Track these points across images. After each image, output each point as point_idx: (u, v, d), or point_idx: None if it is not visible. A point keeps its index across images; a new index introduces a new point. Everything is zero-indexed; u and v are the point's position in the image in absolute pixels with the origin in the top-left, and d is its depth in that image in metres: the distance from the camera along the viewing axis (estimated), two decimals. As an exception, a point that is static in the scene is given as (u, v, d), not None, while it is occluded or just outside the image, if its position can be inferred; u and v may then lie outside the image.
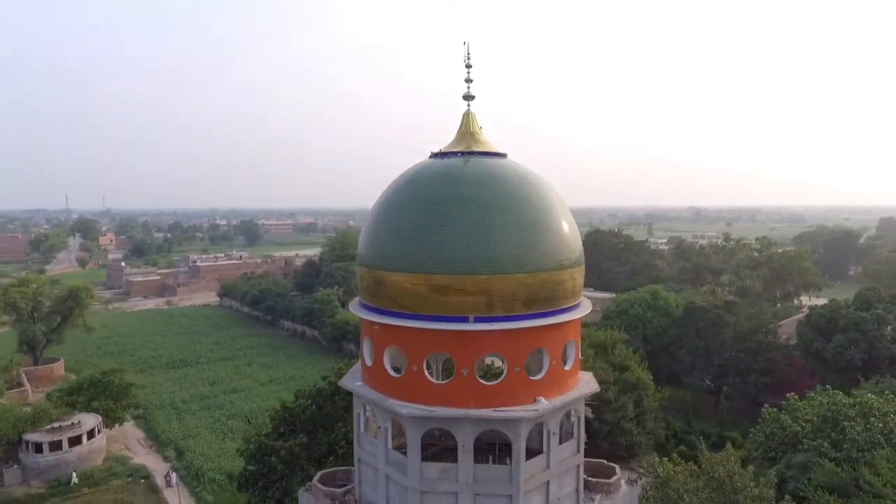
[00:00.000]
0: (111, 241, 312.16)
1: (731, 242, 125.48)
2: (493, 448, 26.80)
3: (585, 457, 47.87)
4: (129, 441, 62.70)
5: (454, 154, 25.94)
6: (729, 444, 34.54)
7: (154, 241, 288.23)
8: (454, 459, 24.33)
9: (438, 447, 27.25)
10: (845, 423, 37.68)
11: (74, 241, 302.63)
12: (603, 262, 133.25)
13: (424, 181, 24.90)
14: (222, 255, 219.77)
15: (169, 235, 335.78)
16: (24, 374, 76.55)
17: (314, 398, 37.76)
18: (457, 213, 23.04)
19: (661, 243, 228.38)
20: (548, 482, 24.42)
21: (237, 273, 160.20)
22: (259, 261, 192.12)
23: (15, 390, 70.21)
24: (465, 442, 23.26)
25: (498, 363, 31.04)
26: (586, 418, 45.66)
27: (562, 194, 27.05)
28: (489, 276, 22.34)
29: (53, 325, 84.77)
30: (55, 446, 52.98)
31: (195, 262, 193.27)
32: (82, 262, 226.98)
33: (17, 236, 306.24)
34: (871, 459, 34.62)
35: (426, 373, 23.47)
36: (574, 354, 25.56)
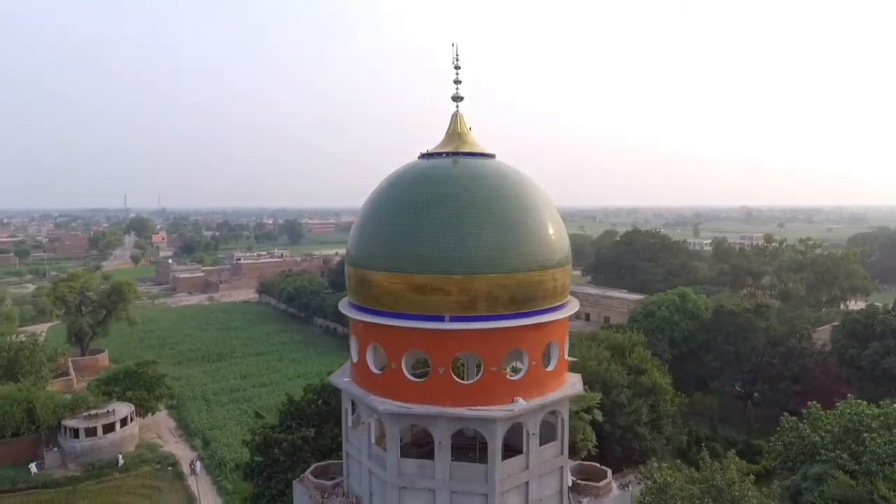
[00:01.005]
0: (163, 238, 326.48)
1: (774, 243, 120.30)
2: (476, 446, 26.96)
3: (597, 460, 47.34)
4: (161, 430, 65.81)
5: (442, 155, 26.32)
6: (732, 452, 33.46)
7: (202, 240, 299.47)
8: (458, 457, 24.59)
9: (431, 445, 27.27)
10: (866, 435, 35.94)
11: (129, 239, 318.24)
12: (638, 262, 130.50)
13: (406, 182, 25.32)
14: (265, 253, 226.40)
15: (217, 234, 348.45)
16: (70, 364, 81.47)
17: (320, 393, 38.75)
18: (433, 213, 23.36)
19: (706, 244, 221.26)
20: (527, 483, 24.43)
21: (277, 271, 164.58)
22: (299, 259, 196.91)
23: (61, 378, 74.84)
24: (442, 439, 23.54)
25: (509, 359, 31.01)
26: (598, 422, 45.23)
27: (548, 195, 26.97)
28: (464, 276, 22.54)
29: (99, 318, 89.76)
30: (90, 432, 56.27)
31: (238, 259, 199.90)
32: (135, 259, 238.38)
33: (79, 234, 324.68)
34: (890, 473, 32.99)
35: (404, 370, 23.85)
36: (558, 355, 25.45)
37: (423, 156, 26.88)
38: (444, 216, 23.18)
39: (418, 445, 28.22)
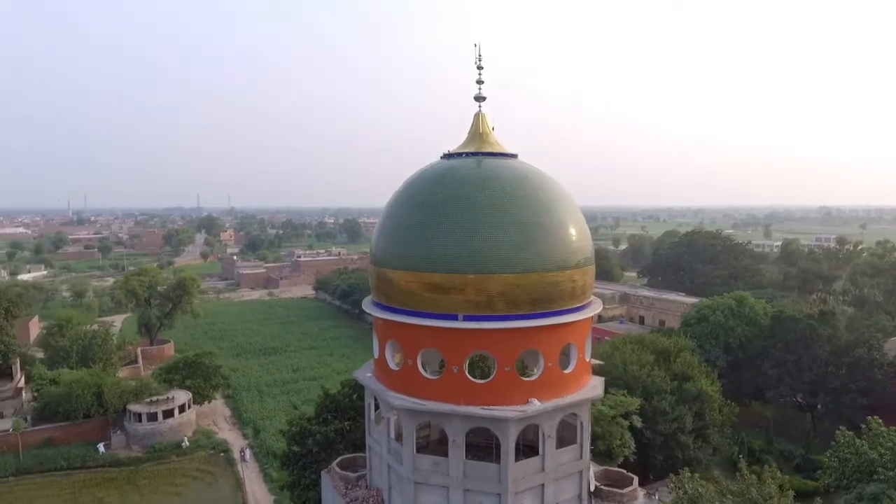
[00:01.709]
0: (230, 236, 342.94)
1: (848, 246, 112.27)
2: (493, 446, 26.88)
3: (637, 468, 46.11)
4: (217, 417, 69.39)
5: (463, 155, 26.49)
6: (771, 465, 31.70)
7: (266, 238, 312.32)
8: (472, 456, 24.80)
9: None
10: (930, 454, 33.24)
11: (200, 237, 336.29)
12: (697, 264, 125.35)
13: (424, 182, 25.67)
14: (323, 251, 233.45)
15: (280, 232, 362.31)
16: (139, 353, 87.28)
17: (355, 387, 39.70)
18: (448, 212, 23.60)
19: (775, 246, 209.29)
20: (543, 485, 24.24)
21: (333, 268, 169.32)
22: (355, 257, 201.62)
23: (130, 366, 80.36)
24: (456, 437, 23.75)
25: (530, 359, 30.91)
26: (637, 428, 43.95)
27: (571, 196, 26.63)
28: (477, 276, 22.66)
29: (166, 310, 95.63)
30: (152, 417, 60.16)
31: (298, 257, 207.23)
32: (204, 256, 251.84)
33: (155, 231, 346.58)
34: (954, 497, 30.36)
35: (420, 368, 24.22)
36: (577, 358, 25.09)
37: (445, 156, 27.15)
38: (458, 216, 23.36)
39: (443, 443, 28.18)
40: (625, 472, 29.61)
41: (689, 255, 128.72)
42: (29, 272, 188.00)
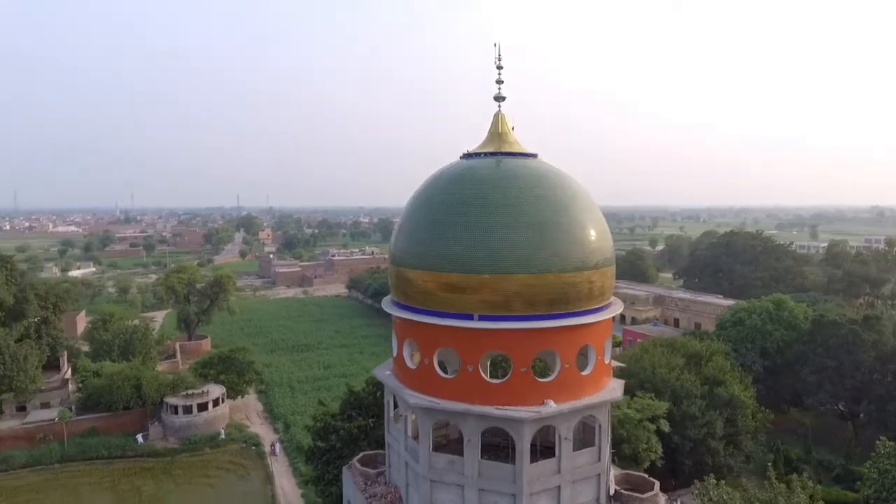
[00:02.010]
0: (268, 235, 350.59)
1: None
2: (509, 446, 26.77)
3: (666, 473, 45.19)
4: (250, 412, 71.18)
5: (483, 155, 26.51)
6: (799, 475, 30.60)
7: (303, 237, 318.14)
8: (495, 457, 24.84)
9: (483, 441, 26.86)
10: (977, 468, 31.52)
11: (239, 236, 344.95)
12: (736, 266, 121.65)
13: (441, 182, 25.79)
14: (357, 250, 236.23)
15: (316, 231, 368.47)
16: (178, 348, 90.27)
17: (379, 385, 40.16)
18: (464, 212, 23.68)
19: (822, 247, 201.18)
20: (559, 487, 24.06)
21: (366, 267, 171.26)
22: (387, 256, 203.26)
23: (169, 360, 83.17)
24: (471, 436, 23.82)
25: (549, 360, 30.72)
26: (665, 433, 43.04)
27: (591, 196, 26.35)
28: (493, 276, 22.68)
29: (204, 306, 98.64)
30: (187, 410, 62.20)
31: (333, 256, 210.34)
32: (242, 254, 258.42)
33: (196, 230, 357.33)
34: None
35: (436, 366, 24.36)
36: (596, 359, 24.80)
37: (464, 156, 27.23)
38: (474, 216, 23.41)
39: (462, 442, 28.01)
40: (646, 476, 29.11)
41: (727, 257, 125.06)
42: (78, 269, 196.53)
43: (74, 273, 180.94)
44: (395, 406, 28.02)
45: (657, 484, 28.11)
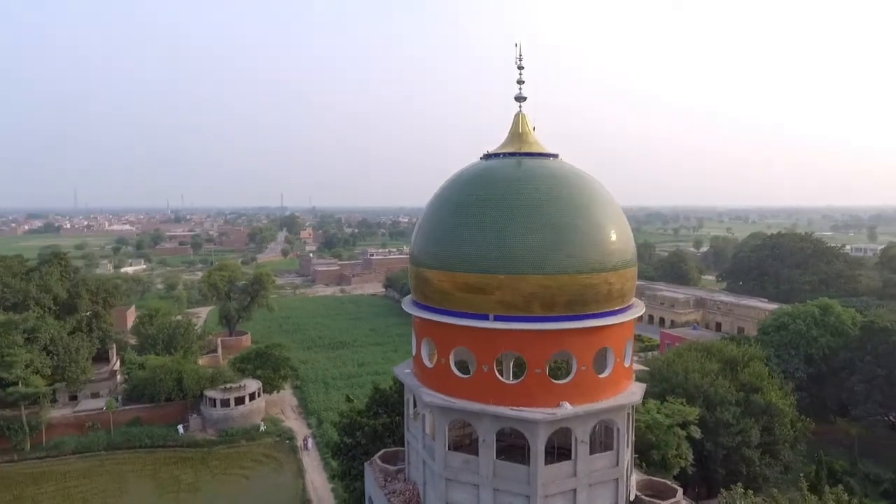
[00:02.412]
0: (309, 234, 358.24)
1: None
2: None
3: (697, 481, 43.96)
4: (285, 406, 72.98)
5: (502, 155, 26.52)
6: (837, 488, 29.29)
7: (343, 236, 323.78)
8: (508, 457, 24.80)
9: (503, 443, 26.73)
10: None
11: (281, 235, 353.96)
12: (783, 269, 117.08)
13: (460, 183, 25.93)
14: (395, 249, 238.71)
15: (356, 231, 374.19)
16: (219, 343, 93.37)
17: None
18: (480, 213, 23.77)
19: (879, 250, 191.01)
20: (574, 490, 23.84)
21: (403, 266, 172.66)
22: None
23: (210, 355, 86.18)
24: (486, 436, 23.87)
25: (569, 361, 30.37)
26: (696, 440, 41.93)
27: (611, 197, 26.02)
28: (507, 276, 22.68)
29: (244, 303, 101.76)
30: (225, 403, 64.35)
31: (371, 255, 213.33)
32: (284, 253, 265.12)
33: (241, 229, 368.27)
34: None
35: (452, 366, 24.51)
36: (614, 362, 24.45)
37: (485, 156, 27.28)
38: (490, 216, 23.47)
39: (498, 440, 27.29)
40: (669, 483, 28.50)
41: (773, 259, 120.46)
42: (130, 266, 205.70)
43: (126, 270, 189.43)
44: (415, 404, 28.32)
45: (680, 491, 27.50)
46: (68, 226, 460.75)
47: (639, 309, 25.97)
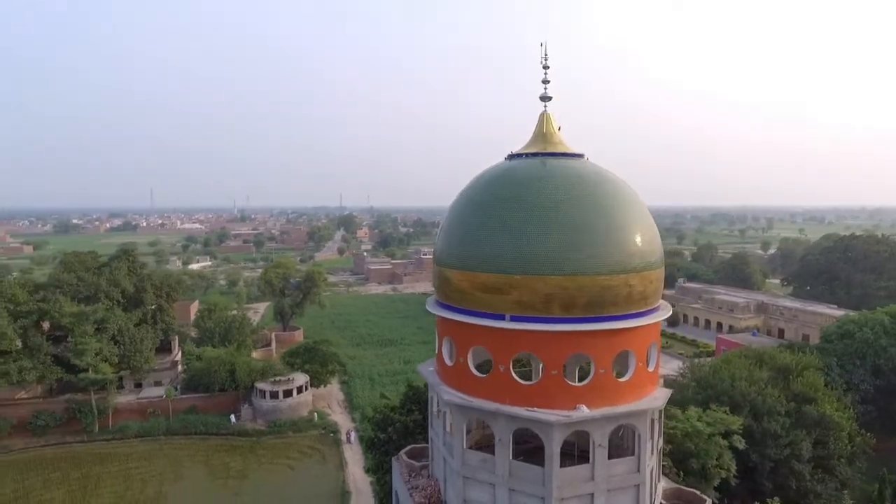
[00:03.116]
0: (365, 234, 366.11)
1: None
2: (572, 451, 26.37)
3: (742, 493, 42.31)
4: (331, 401, 75.17)
5: (525, 155, 26.46)
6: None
7: (397, 235, 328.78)
8: (527, 458, 24.74)
9: (532, 444, 26.40)
10: None
11: (339, 234, 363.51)
12: (855, 274, 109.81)
13: (481, 183, 26.05)
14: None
15: (410, 230, 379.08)
16: (274, 337, 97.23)
17: (438, 382, 41.12)
18: (498, 213, 23.87)
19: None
20: (592, 495, 23.50)
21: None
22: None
23: (264, 348, 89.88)
24: (502, 436, 23.91)
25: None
26: (740, 450, 40.25)
27: (637, 197, 25.41)
28: (523, 277, 22.65)
29: (297, 300, 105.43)
30: (274, 395, 67.05)
31: (423, 254, 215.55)
32: (340, 251, 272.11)
33: (301, 228, 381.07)
34: None
35: (470, 365, 24.71)
36: (636, 366, 23.93)
37: (509, 157, 27.29)
38: (507, 216, 23.51)
39: (515, 443, 27.36)
40: (698, 493, 27.59)
41: (845, 262, 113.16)
42: (197, 262, 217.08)
43: (193, 266, 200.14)
44: (438, 402, 28.67)
45: (709, 500, 26.56)
46: (144, 224, 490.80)
47: (664, 312, 25.30)
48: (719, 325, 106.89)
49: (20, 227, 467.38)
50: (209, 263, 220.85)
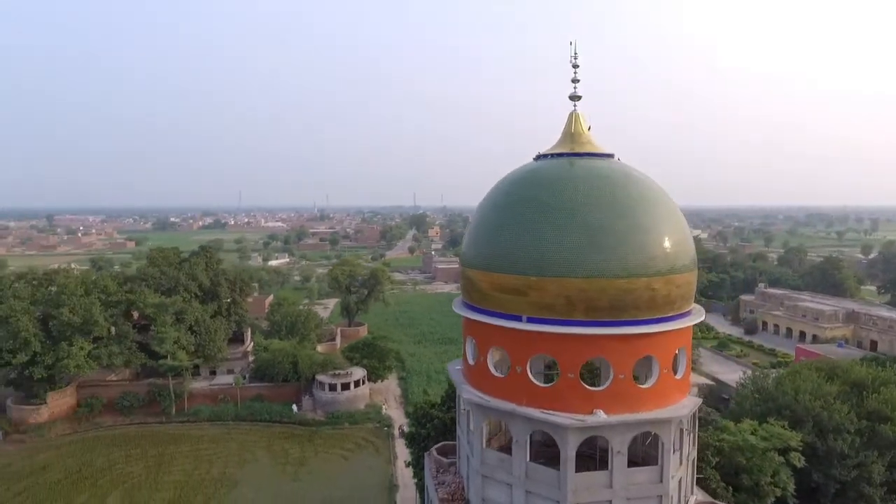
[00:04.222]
0: (436, 233, 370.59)
1: None
2: (597, 455, 26.05)
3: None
4: (388, 395, 77.03)
5: (552, 156, 26.28)
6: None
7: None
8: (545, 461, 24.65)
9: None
10: None
11: (411, 233, 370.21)
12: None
13: (505, 184, 26.18)
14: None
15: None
16: (339, 332, 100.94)
17: (479, 381, 41.39)
18: (516, 214, 23.96)
19: None
20: (610, 502, 23.03)
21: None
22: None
23: (329, 342, 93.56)
24: (519, 437, 23.96)
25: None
26: (800, 469, 37.73)
27: (666, 198, 24.59)
28: (539, 278, 22.61)
29: (362, 297, 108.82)
30: (332, 387, 69.77)
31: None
32: (411, 250, 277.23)
33: (374, 227, 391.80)
34: None
35: (489, 365, 24.90)
36: (659, 373, 23.19)
37: (536, 157, 27.17)
38: (527, 218, 23.53)
39: (546, 446, 27.13)
40: (733, 509, 26.16)
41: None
42: (276, 259, 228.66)
43: (272, 262, 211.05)
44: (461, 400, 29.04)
45: (745, 519, 25.18)
46: (232, 222, 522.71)
47: (694, 317, 24.35)
48: (802, 335, 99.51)
49: (126, 224, 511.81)
50: (287, 260, 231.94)
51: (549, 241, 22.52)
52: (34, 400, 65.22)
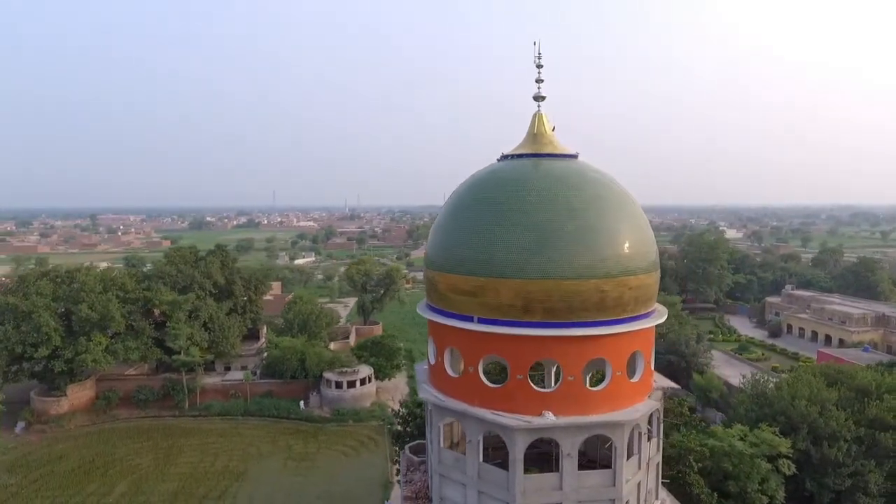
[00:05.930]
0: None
1: None
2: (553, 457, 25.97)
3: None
4: (395, 394, 77.63)
5: (515, 157, 26.23)
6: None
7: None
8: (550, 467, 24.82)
9: (540, 450, 26.63)
10: None
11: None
12: None
13: (466, 185, 26.24)
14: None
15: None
16: (354, 330, 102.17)
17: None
18: (473, 216, 24.11)
19: None
20: (560, 504, 22.90)
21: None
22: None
23: (343, 340, 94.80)
24: (472, 437, 24.04)
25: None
26: (794, 477, 36.74)
27: (628, 199, 24.33)
28: (489, 280, 22.66)
29: (377, 296, 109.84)
30: (339, 385, 70.82)
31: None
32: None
33: (401, 227, 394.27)
34: None
35: (446, 365, 25.04)
36: (611, 375, 22.95)
37: (501, 158, 27.16)
38: (480, 220, 23.59)
39: (497, 448, 27.37)
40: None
41: None
42: (302, 258, 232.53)
43: (298, 261, 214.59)
44: (430, 400, 29.22)
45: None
46: (265, 221, 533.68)
47: (653, 319, 23.95)
48: (828, 338, 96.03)
49: (164, 223, 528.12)
50: (313, 259, 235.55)
51: (500, 242, 22.53)
52: (55, 392, 68.25)
